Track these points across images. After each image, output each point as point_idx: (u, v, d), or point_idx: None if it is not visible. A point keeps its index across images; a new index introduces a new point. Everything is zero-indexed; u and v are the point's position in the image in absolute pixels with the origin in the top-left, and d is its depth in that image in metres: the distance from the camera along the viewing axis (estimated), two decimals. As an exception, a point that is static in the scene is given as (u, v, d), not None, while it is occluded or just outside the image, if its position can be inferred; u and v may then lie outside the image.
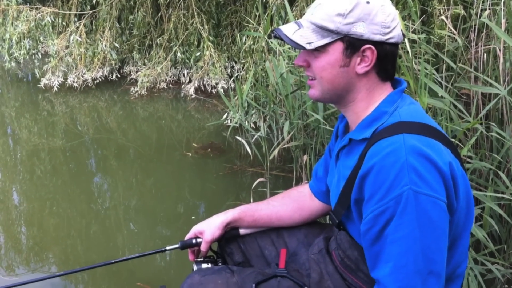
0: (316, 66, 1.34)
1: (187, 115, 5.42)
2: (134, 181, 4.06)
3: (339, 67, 1.31)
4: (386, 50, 1.30)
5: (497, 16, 2.71)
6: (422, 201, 1.15)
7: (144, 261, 2.95)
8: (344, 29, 1.27)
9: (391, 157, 1.18)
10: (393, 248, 1.18)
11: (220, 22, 6.34)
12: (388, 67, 1.34)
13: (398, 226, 1.16)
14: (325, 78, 1.34)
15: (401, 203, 1.15)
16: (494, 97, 2.66)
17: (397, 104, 1.33)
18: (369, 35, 1.27)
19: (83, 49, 6.07)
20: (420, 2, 3.07)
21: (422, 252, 1.15)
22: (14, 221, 3.51)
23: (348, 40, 1.28)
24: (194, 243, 1.75)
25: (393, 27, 1.29)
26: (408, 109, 1.32)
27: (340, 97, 1.38)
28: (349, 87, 1.34)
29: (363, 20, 1.27)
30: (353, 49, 1.29)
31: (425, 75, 2.50)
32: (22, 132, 5.08)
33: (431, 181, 1.16)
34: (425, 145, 1.19)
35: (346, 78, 1.33)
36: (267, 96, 3.60)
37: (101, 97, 5.98)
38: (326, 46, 1.30)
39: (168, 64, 6.08)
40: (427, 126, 1.26)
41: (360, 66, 1.31)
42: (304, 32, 1.31)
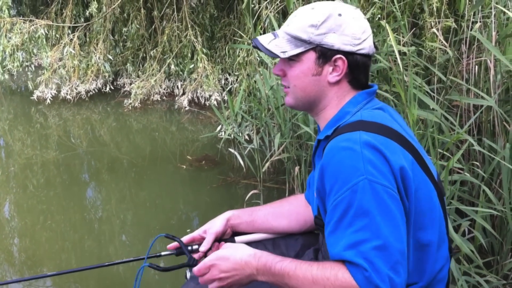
0: (291, 74, 1.40)
1: (181, 127, 5.42)
2: (128, 194, 4.05)
3: (311, 75, 1.37)
4: (357, 60, 1.36)
5: (488, 29, 2.74)
6: (379, 190, 1.18)
7: (135, 267, 2.95)
8: (316, 39, 1.34)
9: (347, 151, 1.22)
10: (352, 231, 1.19)
11: (214, 35, 6.38)
12: (360, 77, 1.40)
13: (356, 213, 1.19)
14: (298, 86, 1.40)
15: (357, 192, 1.19)
16: (486, 109, 2.68)
17: (361, 106, 1.38)
18: (340, 46, 1.33)
19: (77, 61, 6.08)
20: (411, 15, 3.10)
21: (387, 239, 1.16)
22: (7, 233, 3.49)
23: (320, 50, 1.35)
24: (190, 249, 1.75)
25: (364, 38, 1.35)
26: (371, 111, 1.35)
27: (312, 105, 1.43)
28: (321, 95, 1.40)
29: (334, 31, 1.33)
30: (325, 59, 1.35)
31: (416, 87, 2.52)
32: (15, 144, 5.06)
33: (386, 173, 1.20)
34: (380, 143, 1.23)
35: (318, 86, 1.39)
36: (259, 109, 3.61)
37: (95, 109, 5.98)
38: (299, 56, 1.36)
39: (162, 76, 6.09)
40: (388, 128, 1.29)
41: (331, 75, 1.37)
42: (279, 41, 1.38)
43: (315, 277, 1.22)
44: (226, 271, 1.38)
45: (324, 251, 1.50)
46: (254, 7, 3.90)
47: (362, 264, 1.15)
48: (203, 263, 1.43)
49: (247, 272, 1.36)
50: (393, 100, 2.72)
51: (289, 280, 1.27)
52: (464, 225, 2.33)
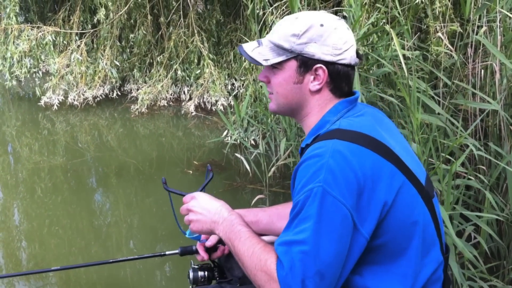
0: (274, 82, 1.44)
1: (187, 132, 5.44)
2: (135, 199, 4.06)
3: (293, 83, 1.41)
4: (338, 70, 1.38)
5: (493, 33, 2.73)
6: (328, 201, 1.21)
7: (142, 271, 2.97)
8: (298, 49, 1.37)
9: (315, 158, 1.25)
10: (293, 231, 1.23)
11: (220, 40, 6.39)
12: (342, 85, 1.41)
13: (302, 216, 1.22)
14: (280, 93, 1.44)
15: (309, 197, 1.22)
16: (492, 113, 2.67)
17: (341, 114, 1.39)
18: (320, 55, 1.36)
19: (84, 67, 6.11)
20: (416, 20, 3.10)
21: (315, 247, 1.19)
22: (14, 238, 3.51)
23: (301, 59, 1.38)
24: (194, 249, 1.76)
25: (345, 49, 1.38)
26: (351, 120, 1.37)
27: (294, 111, 1.47)
28: (302, 103, 1.43)
29: (315, 41, 1.36)
30: (306, 68, 1.38)
31: (420, 91, 2.52)
32: (23, 150, 5.09)
33: (344, 187, 1.22)
34: (352, 152, 1.25)
35: (299, 94, 1.42)
36: (265, 114, 3.61)
37: (102, 115, 6.00)
38: (282, 64, 1.40)
39: (169, 82, 6.11)
40: (365, 136, 1.30)
41: (312, 84, 1.39)
42: (262, 49, 1.42)
43: (253, 253, 1.29)
44: (200, 207, 1.49)
45: None
46: (259, 12, 3.90)
47: (284, 263, 1.20)
48: (190, 195, 1.55)
49: (214, 218, 1.44)
50: (398, 105, 2.72)
51: (237, 244, 1.34)
52: (468, 230, 2.32)
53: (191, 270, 1.74)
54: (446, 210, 2.21)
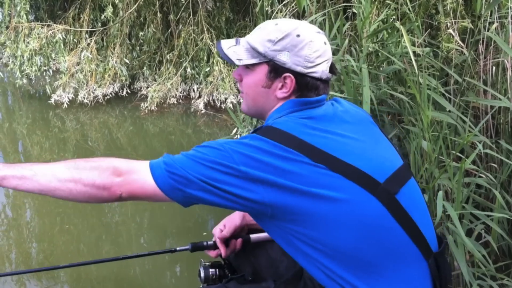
0: (245, 82, 1.47)
1: (197, 130, 5.44)
2: (144, 197, 4.06)
3: (261, 87, 1.43)
4: (307, 81, 1.40)
5: (505, 29, 2.70)
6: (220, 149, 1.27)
7: (153, 268, 2.97)
8: (270, 54, 1.39)
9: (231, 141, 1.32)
10: None
11: (229, 37, 6.38)
12: (309, 95, 1.42)
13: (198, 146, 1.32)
14: (249, 94, 1.48)
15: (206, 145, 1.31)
16: (504, 110, 2.65)
17: (285, 113, 1.40)
18: (291, 65, 1.38)
19: (94, 65, 6.12)
20: (426, 16, 3.07)
21: None
22: (25, 236, 3.53)
23: (273, 65, 1.40)
24: (205, 245, 1.77)
25: (318, 63, 1.39)
26: (288, 120, 1.36)
27: (261, 114, 1.50)
28: (267, 107, 1.46)
29: (288, 50, 1.38)
30: (275, 74, 1.41)
31: (431, 88, 2.50)
32: (33, 148, 5.11)
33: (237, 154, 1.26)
34: (268, 144, 1.27)
35: (266, 98, 1.44)
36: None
37: (112, 113, 6.02)
38: (254, 66, 1.43)
39: (178, 80, 6.11)
40: (289, 136, 1.30)
41: (280, 91, 1.42)
42: (238, 49, 1.45)
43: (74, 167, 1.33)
44: None
45: None
46: (268, 10, 3.89)
47: None
48: None
49: None
50: (408, 102, 2.70)
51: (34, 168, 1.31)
52: (478, 229, 2.30)
53: (202, 268, 1.74)
54: (455, 209, 2.19)
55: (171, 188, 1.28)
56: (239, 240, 1.78)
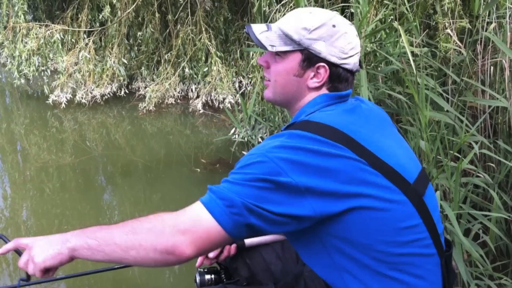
0: (274, 69, 1.44)
1: (195, 130, 5.43)
2: (143, 197, 4.07)
3: (293, 75, 1.41)
4: (339, 72, 1.39)
5: (503, 29, 2.71)
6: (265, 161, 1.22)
7: (150, 272, 2.97)
8: (306, 43, 1.37)
9: (268, 139, 1.29)
10: None
11: (228, 38, 6.38)
12: (340, 87, 1.41)
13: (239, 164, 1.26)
14: (278, 82, 1.44)
15: (251, 157, 1.24)
16: (502, 110, 2.65)
17: (319, 107, 1.39)
18: (326, 55, 1.37)
19: (92, 65, 6.11)
20: (424, 16, 3.07)
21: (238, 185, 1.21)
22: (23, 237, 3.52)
23: (307, 53, 1.38)
24: None
25: (351, 55, 1.38)
26: (326, 114, 1.35)
27: (288, 103, 1.47)
28: (298, 96, 1.43)
29: (324, 40, 1.36)
30: (309, 63, 1.39)
31: (429, 88, 2.50)
32: (31, 148, 5.11)
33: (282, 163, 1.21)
34: (308, 138, 1.25)
35: (297, 87, 1.42)
36: (272, 112, 3.60)
37: (110, 113, 6.01)
38: (286, 53, 1.40)
39: (176, 80, 6.10)
40: (331, 129, 1.28)
41: (312, 81, 1.40)
42: (270, 34, 1.41)
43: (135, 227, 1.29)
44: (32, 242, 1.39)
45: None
46: (266, 10, 3.89)
47: None
48: None
49: (55, 239, 1.36)
50: (406, 102, 2.70)
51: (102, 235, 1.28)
52: (475, 229, 2.30)
53: (197, 274, 1.73)
54: (453, 209, 2.19)
55: (236, 224, 1.21)
56: (233, 246, 1.77)
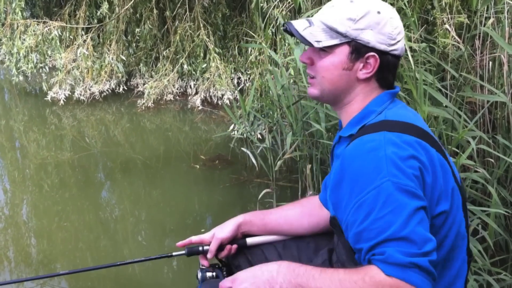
0: (320, 65, 1.38)
1: (194, 126, 5.43)
2: (142, 194, 4.07)
3: (342, 69, 1.35)
4: (388, 60, 1.35)
5: (501, 24, 2.71)
6: (401, 190, 1.17)
7: (150, 269, 2.97)
8: (353, 34, 1.32)
9: (371, 153, 1.21)
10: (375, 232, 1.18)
11: (226, 34, 6.38)
12: (389, 76, 1.38)
13: (379, 214, 1.17)
14: (326, 78, 1.38)
15: (380, 195, 1.17)
16: (500, 105, 2.65)
17: (386, 106, 1.36)
18: (375, 44, 1.32)
19: (90, 62, 6.11)
20: (422, 11, 3.07)
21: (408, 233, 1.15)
22: (23, 234, 3.53)
23: (355, 45, 1.33)
24: (200, 250, 1.75)
25: (398, 39, 1.34)
26: (396, 111, 1.35)
27: (337, 98, 1.41)
28: (348, 90, 1.39)
29: (371, 28, 1.31)
30: (358, 54, 1.33)
31: (427, 84, 2.50)
32: (30, 145, 5.11)
33: (410, 175, 1.18)
34: (404, 142, 1.22)
35: (346, 80, 1.37)
36: (271, 108, 3.61)
37: (108, 110, 6.01)
38: (333, 47, 1.34)
39: (175, 76, 6.10)
40: (412, 126, 1.29)
41: (362, 72, 1.35)
42: (314, 30, 1.35)
43: (341, 281, 1.19)
44: (245, 279, 1.37)
45: (338, 252, 1.49)
46: (263, 6, 3.89)
47: (390, 260, 1.13)
48: (229, 279, 1.42)
49: (266, 276, 1.32)
50: (405, 97, 2.70)
51: (314, 284, 1.23)
52: (473, 224, 2.31)
53: (199, 270, 1.73)
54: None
55: None
56: (234, 246, 1.77)
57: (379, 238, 1.16)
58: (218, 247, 1.73)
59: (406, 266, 1.12)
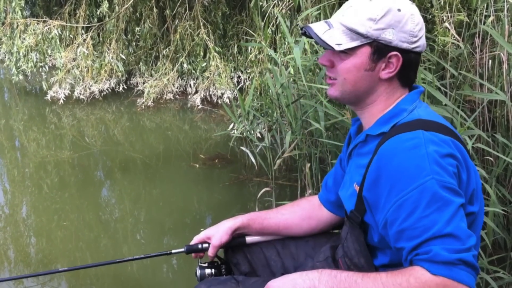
0: (341, 67, 1.36)
1: (193, 125, 5.43)
2: (142, 193, 4.07)
3: (364, 70, 1.34)
4: (410, 58, 1.34)
5: (501, 23, 2.70)
6: (446, 189, 1.17)
7: (149, 267, 2.97)
8: (374, 34, 1.30)
9: (412, 150, 1.21)
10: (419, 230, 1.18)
11: (226, 33, 6.37)
12: (410, 74, 1.38)
13: (423, 217, 1.17)
14: (348, 80, 1.36)
15: (424, 191, 1.17)
16: (500, 104, 2.65)
17: (416, 104, 1.36)
18: (397, 43, 1.30)
19: (90, 61, 6.11)
20: (421, 9, 3.07)
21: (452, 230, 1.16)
22: (22, 232, 3.53)
23: (376, 45, 1.31)
24: (200, 248, 1.75)
25: (420, 36, 1.33)
26: (426, 110, 1.35)
27: (359, 99, 1.40)
28: (370, 90, 1.37)
29: (393, 27, 1.30)
30: (380, 55, 1.32)
31: (426, 82, 2.50)
32: (30, 145, 5.10)
33: (451, 173, 1.20)
34: (443, 141, 1.23)
35: (369, 81, 1.35)
36: (270, 107, 3.60)
37: (108, 109, 6.00)
38: (354, 49, 1.32)
39: (175, 75, 6.10)
40: (444, 126, 1.30)
41: (384, 72, 1.34)
42: (334, 32, 1.33)
43: (384, 284, 1.18)
44: (282, 284, 1.36)
45: (347, 246, 1.49)
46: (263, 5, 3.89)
47: (436, 258, 1.14)
48: None
49: (306, 284, 1.31)
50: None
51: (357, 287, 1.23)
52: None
53: (198, 268, 1.73)
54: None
55: None
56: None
57: (424, 237, 1.16)
58: None
59: (452, 264, 1.13)
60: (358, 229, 1.41)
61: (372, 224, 1.36)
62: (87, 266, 2.02)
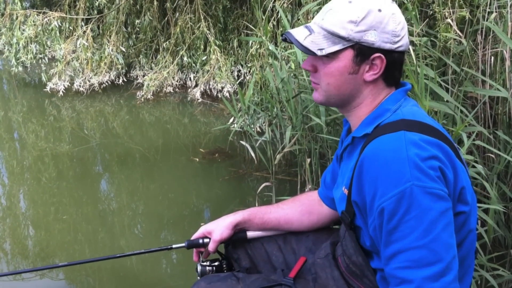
0: (325, 72, 1.33)
1: (193, 119, 5.42)
2: (141, 186, 4.06)
3: (347, 74, 1.31)
4: (394, 58, 1.31)
5: (504, 19, 2.68)
6: (426, 195, 1.15)
7: (149, 262, 2.96)
8: (356, 37, 1.27)
9: (392, 153, 1.19)
10: (396, 237, 1.18)
11: (226, 26, 6.35)
12: (395, 74, 1.35)
13: (401, 220, 1.16)
14: (332, 84, 1.34)
15: (403, 199, 1.15)
16: (502, 101, 2.64)
17: (400, 103, 1.34)
18: (380, 44, 1.28)
19: (90, 53, 6.09)
20: (424, 5, 3.05)
21: (429, 242, 1.15)
22: (20, 226, 3.52)
23: (359, 47, 1.28)
24: (201, 243, 1.74)
25: (402, 35, 1.30)
26: (411, 109, 1.32)
27: (345, 102, 1.38)
28: (355, 93, 1.35)
29: (374, 29, 1.27)
30: (363, 57, 1.29)
31: (428, 78, 2.49)
32: (29, 137, 5.09)
33: (433, 176, 1.17)
34: (425, 143, 1.20)
35: (353, 84, 1.33)
36: (270, 101, 3.59)
37: (108, 101, 5.99)
38: (336, 53, 1.29)
39: (175, 68, 6.09)
40: (428, 126, 1.26)
41: (368, 74, 1.31)
42: (315, 37, 1.31)
43: None
44: None
45: (345, 244, 1.49)
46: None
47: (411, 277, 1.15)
48: None
49: None
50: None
51: None
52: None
53: (199, 264, 1.72)
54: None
55: None
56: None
57: (398, 247, 1.17)
58: None
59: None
60: (350, 230, 1.41)
61: (363, 228, 1.35)
62: (87, 261, 2.00)
